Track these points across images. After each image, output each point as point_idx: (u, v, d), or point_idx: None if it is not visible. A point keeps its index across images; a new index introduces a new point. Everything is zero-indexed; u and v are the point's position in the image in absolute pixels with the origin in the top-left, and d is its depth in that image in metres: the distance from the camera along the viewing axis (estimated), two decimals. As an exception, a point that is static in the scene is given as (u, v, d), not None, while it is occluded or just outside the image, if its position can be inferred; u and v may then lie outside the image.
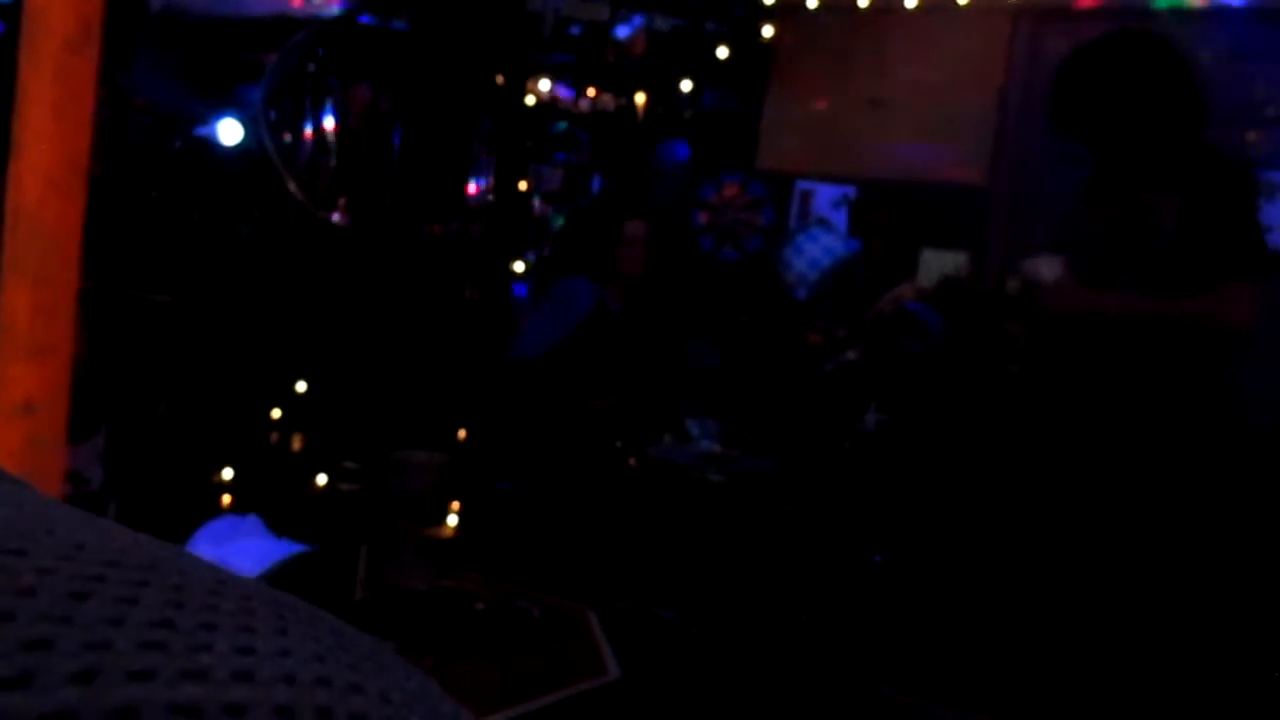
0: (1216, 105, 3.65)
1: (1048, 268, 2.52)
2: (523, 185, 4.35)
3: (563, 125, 4.56)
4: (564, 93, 4.45)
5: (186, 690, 0.17)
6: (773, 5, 4.44)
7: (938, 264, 4.17)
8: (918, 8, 4.23)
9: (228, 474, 3.22)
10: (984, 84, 4.16)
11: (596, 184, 4.74)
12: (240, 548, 2.06)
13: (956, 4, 4.16)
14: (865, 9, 4.33)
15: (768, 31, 4.47)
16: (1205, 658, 2.80)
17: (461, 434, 3.76)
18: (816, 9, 4.40)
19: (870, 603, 3.18)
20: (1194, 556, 2.55)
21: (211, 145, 3.61)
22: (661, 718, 2.36)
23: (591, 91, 4.48)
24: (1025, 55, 4.07)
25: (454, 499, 2.95)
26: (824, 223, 3.92)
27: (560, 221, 4.53)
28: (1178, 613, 2.52)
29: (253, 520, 2.21)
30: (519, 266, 4.29)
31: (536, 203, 4.61)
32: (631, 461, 3.33)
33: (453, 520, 3.03)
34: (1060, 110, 2.57)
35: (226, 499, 3.15)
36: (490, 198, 4.24)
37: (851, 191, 4.34)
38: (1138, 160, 2.48)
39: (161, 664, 0.18)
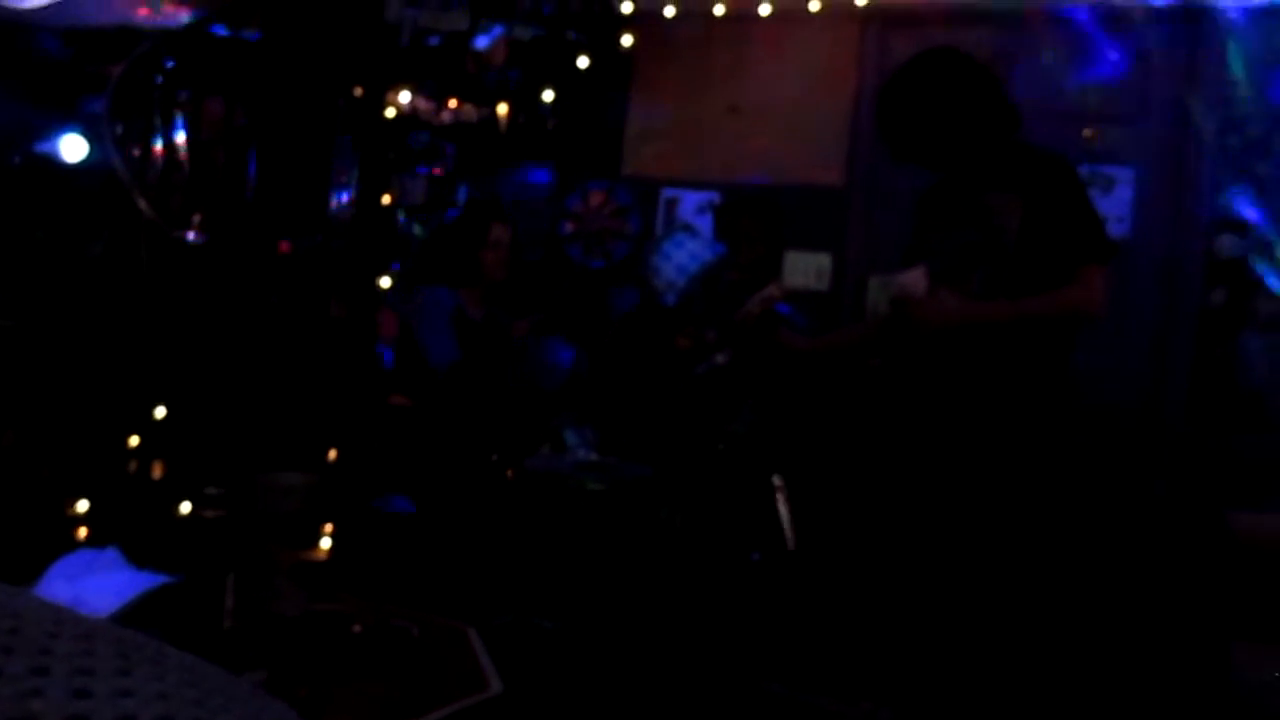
0: (1053, 104, 3.85)
1: (914, 281, 2.58)
2: (386, 198, 4.29)
3: (425, 137, 4.51)
4: (425, 104, 4.40)
5: None
6: (631, 14, 4.48)
7: (801, 265, 4.27)
8: (771, 15, 4.32)
9: (83, 505, 3.08)
10: (838, 88, 4.28)
11: (462, 195, 4.70)
12: (98, 582, 1.97)
13: (808, 10, 4.26)
14: (721, 16, 4.41)
15: (627, 40, 4.51)
16: (1074, 631, 2.93)
17: (333, 454, 3.67)
18: (674, 17, 4.46)
19: (750, 600, 3.23)
20: (1059, 530, 2.67)
21: (54, 161, 3.46)
22: (547, 729, 2.35)
23: (453, 103, 4.44)
24: (875, 59, 4.20)
25: (326, 520, 2.88)
26: (689, 229, 3.97)
27: (421, 232, 4.48)
28: (1049, 588, 2.64)
29: (111, 553, 2.12)
30: (385, 281, 4.23)
31: (401, 215, 4.55)
32: (509, 473, 3.31)
33: (326, 542, 2.97)
34: (888, 140, 2.68)
35: (83, 531, 3.01)
36: (353, 211, 4.16)
37: (716, 197, 4.41)
38: (971, 167, 2.60)
39: None
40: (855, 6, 4.20)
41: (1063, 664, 2.81)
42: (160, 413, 3.46)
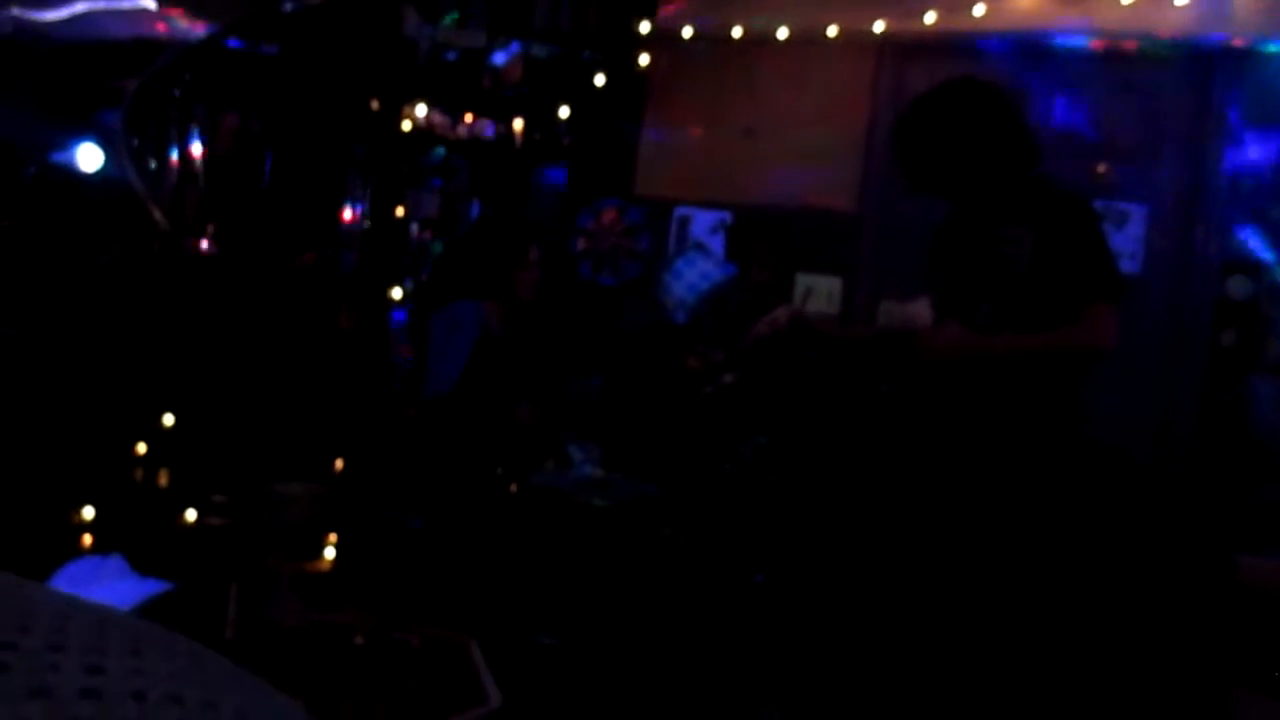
0: (1065, 139, 3.86)
1: (918, 312, 2.57)
2: (399, 211, 4.31)
3: (440, 151, 4.53)
4: (441, 119, 4.42)
5: (29, 708, 0.17)
6: (648, 34, 4.51)
7: (812, 288, 4.27)
8: (789, 39, 4.34)
9: (89, 513, 3.08)
10: (852, 114, 4.29)
11: (475, 210, 4.72)
12: (102, 590, 1.97)
13: (825, 37, 4.28)
14: (738, 39, 4.43)
15: (644, 60, 4.53)
16: (1078, 672, 2.91)
17: (339, 464, 3.68)
18: (691, 38, 4.48)
19: (752, 622, 3.22)
20: (1064, 571, 2.65)
21: (69, 172, 3.48)
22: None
23: (469, 118, 4.47)
24: (890, 87, 4.21)
25: (330, 531, 2.88)
26: (701, 248, 3.98)
27: (439, 248, 4.49)
28: (1053, 628, 2.62)
29: (116, 561, 2.12)
30: (397, 293, 4.24)
31: (414, 229, 4.56)
32: (513, 488, 3.31)
33: (330, 553, 2.96)
34: (905, 169, 2.67)
35: (88, 539, 3.01)
36: (366, 224, 4.18)
37: (728, 217, 4.42)
38: (986, 199, 2.59)
39: (3, 684, 0.18)
40: (872, 35, 4.21)
41: (1066, 705, 2.79)
42: (168, 420, 3.47)
